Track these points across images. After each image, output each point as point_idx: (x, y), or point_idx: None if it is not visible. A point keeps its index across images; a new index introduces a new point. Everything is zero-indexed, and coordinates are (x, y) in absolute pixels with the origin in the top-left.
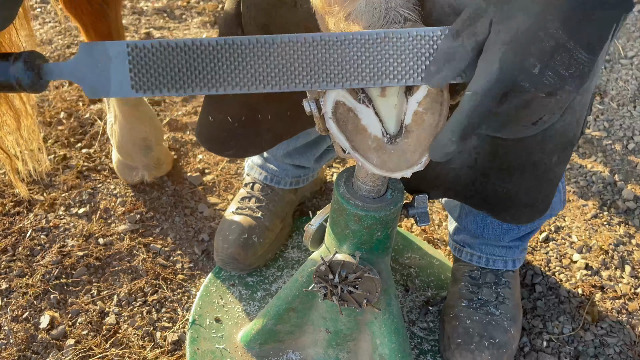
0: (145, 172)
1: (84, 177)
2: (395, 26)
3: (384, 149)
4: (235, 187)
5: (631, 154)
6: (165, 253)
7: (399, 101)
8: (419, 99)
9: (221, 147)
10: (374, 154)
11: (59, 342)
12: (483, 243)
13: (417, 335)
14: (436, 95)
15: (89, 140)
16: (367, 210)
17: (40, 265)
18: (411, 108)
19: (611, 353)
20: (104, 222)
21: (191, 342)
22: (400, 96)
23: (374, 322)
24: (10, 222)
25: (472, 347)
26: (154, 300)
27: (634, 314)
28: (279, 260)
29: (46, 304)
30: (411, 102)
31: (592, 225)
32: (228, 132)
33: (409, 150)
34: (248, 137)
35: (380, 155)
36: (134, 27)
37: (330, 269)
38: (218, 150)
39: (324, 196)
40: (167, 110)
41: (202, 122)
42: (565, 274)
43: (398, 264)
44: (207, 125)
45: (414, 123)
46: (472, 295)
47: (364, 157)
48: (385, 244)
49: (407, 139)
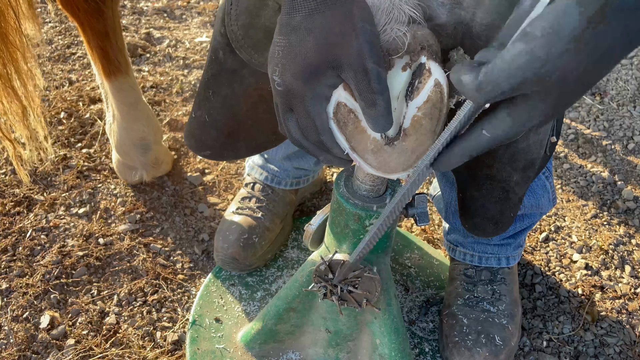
0: (144, 172)
1: (84, 177)
2: (398, 26)
3: (381, 151)
4: (235, 187)
5: (631, 154)
6: (165, 253)
7: (399, 105)
8: (419, 104)
9: (199, 146)
10: (372, 155)
11: (59, 342)
12: (475, 242)
13: (417, 335)
14: (436, 101)
15: (89, 140)
16: (367, 210)
17: (41, 265)
18: (410, 112)
19: (611, 353)
20: (104, 222)
21: (191, 342)
22: (401, 100)
23: (374, 322)
24: (10, 222)
25: (469, 345)
26: (154, 300)
27: (634, 314)
28: (279, 260)
29: (46, 304)
30: (411, 106)
31: (592, 225)
32: (206, 133)
33: (406, 153)
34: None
35: (378, 157)
36: (134, 27)
37: (330, 268)
38: (196, 149)
39: (324, 196)
40: (167, 110)
41: (189, 118)
42: (565, 274)
43: (398, 264)
44: (190, 122)
45: (412, 127)
46: (468, 294)
47: (362, 158)
48: (385, 243)
49: (404, 142)
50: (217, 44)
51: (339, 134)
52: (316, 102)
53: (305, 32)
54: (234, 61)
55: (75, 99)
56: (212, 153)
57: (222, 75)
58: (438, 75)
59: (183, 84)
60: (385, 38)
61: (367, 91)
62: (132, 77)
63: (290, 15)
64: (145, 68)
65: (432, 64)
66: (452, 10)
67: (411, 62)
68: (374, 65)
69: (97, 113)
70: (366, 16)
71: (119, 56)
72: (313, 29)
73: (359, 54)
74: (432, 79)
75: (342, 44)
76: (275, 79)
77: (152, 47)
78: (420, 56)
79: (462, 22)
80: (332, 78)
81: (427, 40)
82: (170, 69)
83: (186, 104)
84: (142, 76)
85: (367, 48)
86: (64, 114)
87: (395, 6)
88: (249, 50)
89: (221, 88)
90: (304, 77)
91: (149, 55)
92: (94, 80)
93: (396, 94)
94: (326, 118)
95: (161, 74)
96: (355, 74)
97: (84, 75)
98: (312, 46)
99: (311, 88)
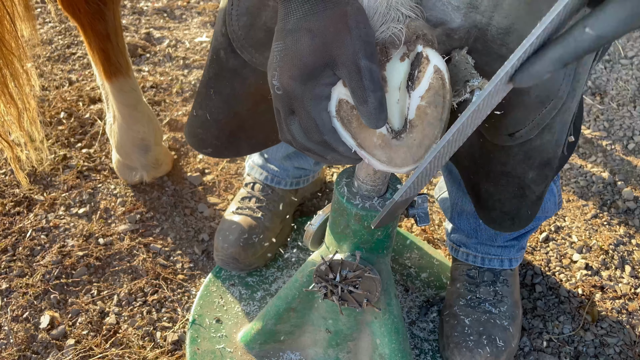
0: (144, 172)
1: (84, 177)
2: (395, 24)
3: (389, 145)
4: (235, 187)
5: (631, 154)
6: (165, 253)
7: (402, 96)
8: (422, 93)
9: (200, 144)
10: (380, 150)
11: (59, 342)
12: (478, 243)
13: (417, 335)
14: (438, 88)
15: (89, 140)
16: (368, 210)
17: (40, 265)
18: (414, 103)
19: (611, 353)
20: (104, 222)
21: (191, 342)
22: (403, 92)
23: (374, 322)
24: (10, 222)
25: (470, 346)
26: (154, 300)
27: (634, 314)
28: (279, 260)
29: (46, 304)
30: (414, 96)
31: (592, 225)
32: (208, 131)
33: (414, 145)
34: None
35: (387, 151)
36: (134, 27)
37: (331, 268)
38: (197, 147)
39: (324, 196)
40: (167, 110)
41: (190, 116)
42: (566, 274)
43: (398, 264)
44: (191, 120)
45: (417, 118)
46: (470, 294)
47: (370, 154)
48: (385, 243)
49: (411, 134)
50: (218, 44)
51: (343, 131)
52: (316, 102)
53: (300, 34)
54: (235, 61)
55: (75, 99)
56: (213, 151)
57: (223, 74)
58: (437, 62)
59: (183, 84)
60: (382, 37)
61: (359, 88)
62: (132, 78)
63: (285, 20)
64: (145, 68)
65: (429, 51)
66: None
67: (408, 52)
68: (366, 62)
69: (97, 113)
70: (360, 16)
71: (119, 58)
72: (308, 30)
73: (352, 52)
74: (431, 66)
75: (336, 43)
76: (275, 83)
77: (152, 47)
78: (417, 45)
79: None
80: (329, 77)
81: (422, 30)
82: (170, 69)
83: (186, 104)
84: (142, 76)
85: (359, 45)
86: (63, 114)
87: (392, 7)
88: (250, 50)
89: (222, 87)
90: (302, 77)
91: (149, 55)
92: (93, 80)
93: (397, 85)
94: (328, 117)
95: (161, 74)
96: (348, 72)
97: (84, 75)
98: (307, 47)
99: (310, 88)
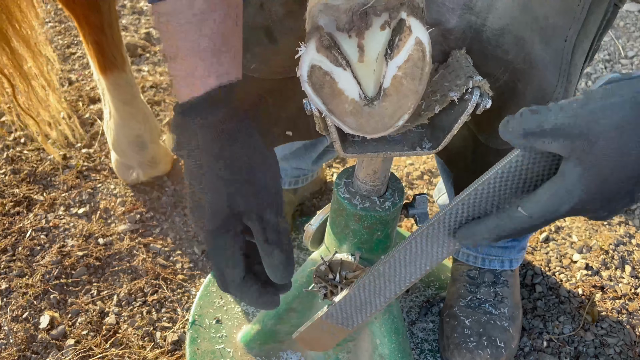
0: (140, 171)
1: (83, 177)
2: None
3: (361, 113)
4: None
5: None
6: (165, 253)
7: (379, 64)
8: (399, 63)
9: None
10: (351, 117)
11: (59, 342)
12: None
13: (417, 335)
14: (417, 60)
15: (89, 140)
16: (367, 210)
17: (40, 265)
18: (390, 72)
19: (611, 353)
20: (103, 222)
21: (191, 342)
22: (380, 59)
23: (374, 322)
24: (10, 222)
25: (470, 347)
26: (154, 300)
27: (634, 314)
28: None
29: (46, 304)
30: (391, 65)
31: (592, 225)
32: None
33: (386, 114)
34: None
35: (358, 118)
36: (134, 26)
37: (330, 268)
38: None
39: (324, 196)
40: (167, 110)
41: None
42: (566, 274)
43: None
44: None
45: (392, 87)
46: (470, 295)
47: (341, 120)
48: (385, 244)
49: (384, 102)
50: None
51: (315, 97)
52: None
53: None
54: None
55: (75, 99)
56: None
57: None
58: (419, 33)
59: None
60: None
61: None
62: (128, 73)
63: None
64: (145, 68)
65: (412, 20)
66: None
67: (390, 20)
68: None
69: (96, 113)
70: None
71: (114, 51)
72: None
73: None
74: (413, 37)
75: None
76: None
77: (152, 46)
78: (400, 12)
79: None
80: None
81: None
82: None
83: None
84: (142, 76)
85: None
86: (63, 113)
87: None
88: None
89: None
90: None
91: (148, 55)
92: (93, 80)
93: (375, 55)
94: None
95: (161, 73)
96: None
97: (84, 75)
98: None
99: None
